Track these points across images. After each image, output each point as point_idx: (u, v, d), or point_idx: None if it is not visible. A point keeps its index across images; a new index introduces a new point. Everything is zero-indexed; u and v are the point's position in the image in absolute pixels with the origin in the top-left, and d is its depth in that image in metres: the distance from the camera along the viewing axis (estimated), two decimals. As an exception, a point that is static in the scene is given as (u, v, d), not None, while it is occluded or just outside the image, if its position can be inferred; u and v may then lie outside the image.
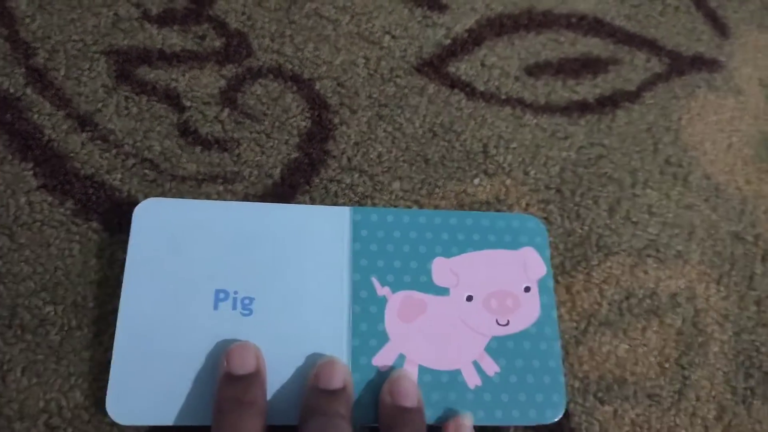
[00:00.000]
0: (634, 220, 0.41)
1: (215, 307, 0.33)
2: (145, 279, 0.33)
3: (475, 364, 0.34)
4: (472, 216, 0.37)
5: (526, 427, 0.34)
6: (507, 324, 0.35)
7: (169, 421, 0.31)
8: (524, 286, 0.36)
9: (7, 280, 0.35)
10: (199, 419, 0.31)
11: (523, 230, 0.37)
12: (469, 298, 0.35)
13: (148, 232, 0.34)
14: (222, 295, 0.33)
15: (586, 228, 0.40)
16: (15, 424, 0.32)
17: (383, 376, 0.33)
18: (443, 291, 0.35)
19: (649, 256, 0.40)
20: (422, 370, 0.33)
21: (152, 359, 0.32)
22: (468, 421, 0.32)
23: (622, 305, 0.38)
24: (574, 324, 0.37)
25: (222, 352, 0.31)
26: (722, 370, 0.37)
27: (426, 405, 0.32)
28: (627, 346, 0.37)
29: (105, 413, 0.31)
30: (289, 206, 0.37)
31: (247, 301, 0.33)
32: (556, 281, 0.38)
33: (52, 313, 0.34)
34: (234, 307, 0.33)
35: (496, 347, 0.34)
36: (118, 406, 0.31)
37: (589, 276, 0.39)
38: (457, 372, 0.33)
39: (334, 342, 0.33)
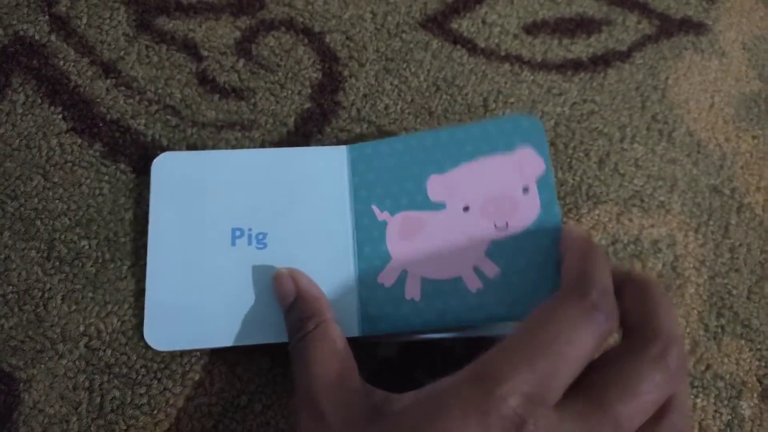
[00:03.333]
0: (622, 172, 0.44)
1: (233, 244, 0.36)
2: (169, 223, 0.36)
3: (476, 269, 0.35)
4: (462, 130, 0.37)
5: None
6: (506, 226, 0.35)
7: (200, 344, 0.34)
8: (522, 187, 0.36)
9: (44, 216, 0.37)
10: (225, 341, 0.34)
11: (518, 131, 0.37)
12: (466, 209, 0.36)
13: (167, 182, 0.37)
14: (238, 233, 0.36)
15: (577, 178, 0.43)
16: (58, 345, 0.35)
17: (387, 291, 0.35)
18: (440, 206, 0.36)
19: (634, 205, 0.43)
20: (424, 282, 0.35)
21: (180, 292, 0.35)
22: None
23: (608, 249, 0.42)
24: (565, 265, 0.41)
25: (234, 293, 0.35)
26: (697, 309, 0.41)
27: (430, 312, 0.34)
28: (612, 287, 0.41)
29: (140, 337, 0.35)
30: (291, 149, 0.39)
31: (261, 236, 0.36)
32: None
33: (87, 246, 0.37)
34: (250, 243, 0.36)
35: (496, 250, 0.35)
36: (154, 335, 0.34)
37: (579, 222, 0.42)
38: (458, 279, 0.35)
39: (341, 266, 0.36)
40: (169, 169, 0.37)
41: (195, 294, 0.35)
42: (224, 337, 0.34)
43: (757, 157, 0.46)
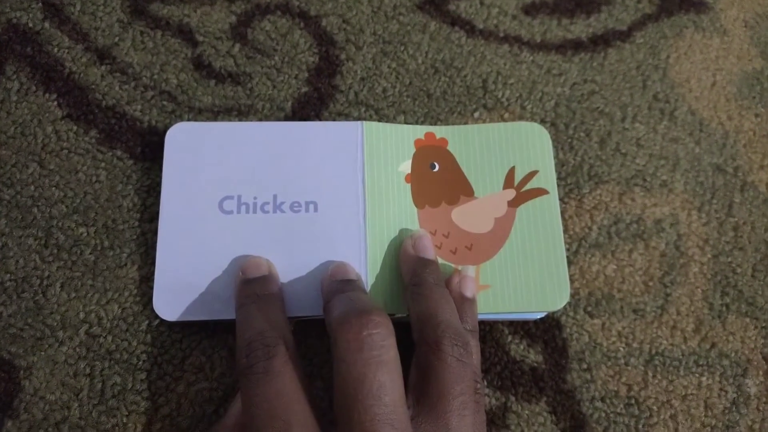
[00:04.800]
0: (623, 151, 0.44)
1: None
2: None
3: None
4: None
5: (530, 344, 0.38)
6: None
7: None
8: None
9: (41, 203, 0.37)
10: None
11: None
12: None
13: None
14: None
15: (578, 159, 0.43)
16: (58, 333, 0.34)
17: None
18: None
19: (636, 185, 0.43)
20: None
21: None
22: (471, 273, 0.36)
23: (611, 229, 0.41)
24: (567, 246, 0.40)
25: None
26: (701, 288, 0.41)
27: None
28: (615, 266, 0.40)
29: (140, 323, 0.34)
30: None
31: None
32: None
33: (85, 234, 0.37)
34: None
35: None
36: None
37: (581, 203, 0.42)
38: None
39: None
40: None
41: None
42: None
43: (760, 135, 0.45)
